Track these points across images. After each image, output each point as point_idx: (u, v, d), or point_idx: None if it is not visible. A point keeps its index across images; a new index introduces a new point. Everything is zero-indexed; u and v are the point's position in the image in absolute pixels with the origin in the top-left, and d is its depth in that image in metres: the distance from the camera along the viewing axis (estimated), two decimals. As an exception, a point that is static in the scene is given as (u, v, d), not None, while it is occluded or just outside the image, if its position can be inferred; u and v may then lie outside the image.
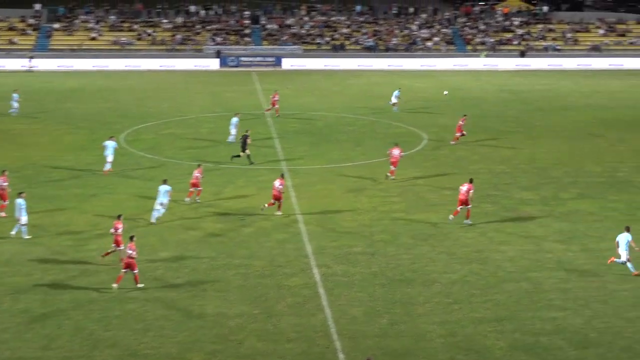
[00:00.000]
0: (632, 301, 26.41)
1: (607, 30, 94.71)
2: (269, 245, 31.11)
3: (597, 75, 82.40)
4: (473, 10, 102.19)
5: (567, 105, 63.40)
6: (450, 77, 79.82)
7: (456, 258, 30.07)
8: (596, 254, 30.64)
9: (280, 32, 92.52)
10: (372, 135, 51.55)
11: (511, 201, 37.24)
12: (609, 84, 75.71)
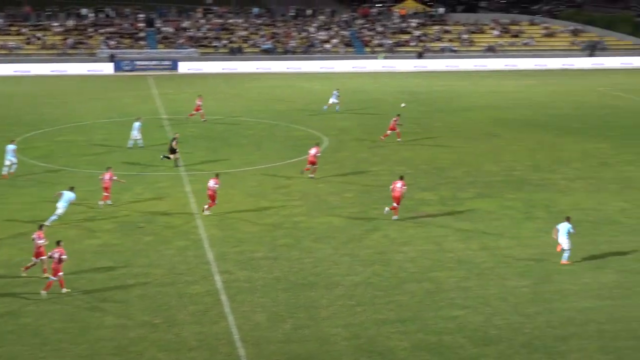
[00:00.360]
0: (530, 297, 27.23)
1: (501, 32, 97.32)
2: (169, 253, 30.81)
3: (493, 75, 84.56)
4: (370, 12, 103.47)
5: (465, 105, 64.85)
6: (349, 79, 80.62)
7: (358, 260, 30.40)
8: (495, 252, 31.48)
9: (176, 35, 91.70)
10: (272, 139, 51.64)
11: (412, 202, 37.86)
12: (505, 84, 77.83)
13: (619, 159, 47.06)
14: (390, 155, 47.27)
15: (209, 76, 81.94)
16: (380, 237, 33.09)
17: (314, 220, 35.06)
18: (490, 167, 44.71)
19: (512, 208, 37.29)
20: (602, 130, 55.23)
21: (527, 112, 61.90)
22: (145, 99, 66.79)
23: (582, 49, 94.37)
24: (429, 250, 31.65)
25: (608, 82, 79.40)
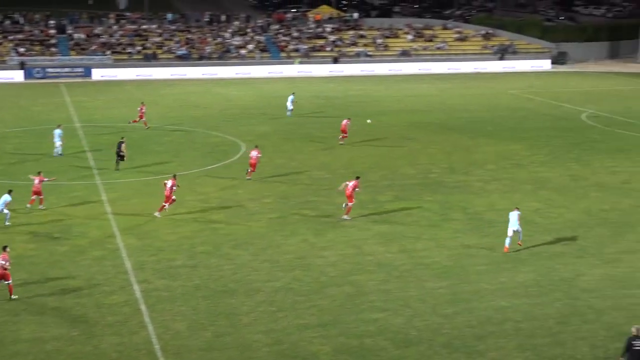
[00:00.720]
0: (449, 298, 27.65)
1: (415, 36, 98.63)
2: (86, 264, 30.28)
3: (408, 79, 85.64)
4: (286, 17, 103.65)
5: (380, 109, 65.46)
6: (266, 84, 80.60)
7: (279, 266, 30.40)
8: (413, 254, 31.88)
9: (88, 42, 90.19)
10: (189, 146, 51.24)
11: (331, 206, 38.05)
12: (419, 88, 78.89)
13: (532, 160, 48.17)
14: (308, 161, 47.41)
15: (124, 83, 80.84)
16: (300, 242, 33.16)
17: (233, 227, 34.93)
18: (407, 170, 45.25)
19: (429, 210, 37.82)
20: (515, 132, 56.47)
21: (442, 116, 62.87)
22: (58, 107, 65.49)
23: (494, 52, 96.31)
24: (349, 254, 31.85)
25: (519, 85, 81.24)
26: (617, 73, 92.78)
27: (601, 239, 34.06)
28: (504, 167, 46.47)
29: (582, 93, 75.90)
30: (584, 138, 54.84)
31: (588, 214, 37.57)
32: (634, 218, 36.95)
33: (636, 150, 51.03)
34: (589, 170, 45.77)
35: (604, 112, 64.99)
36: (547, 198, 40.07)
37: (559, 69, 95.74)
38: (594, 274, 30.10)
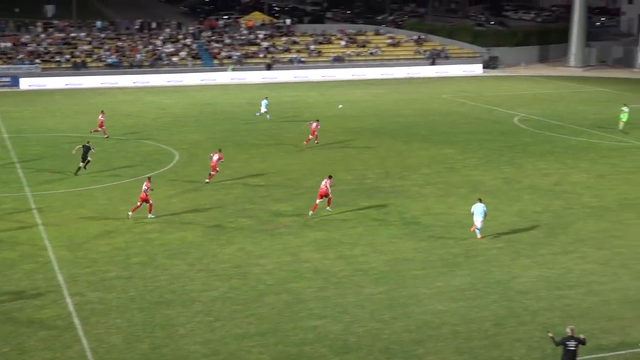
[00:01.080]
0: (386, 303, 27.82)
1: (348, 42, 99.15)
2: (16, 277, 29.68)
3: (342, 85, 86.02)
4: (217, 24, 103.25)
5: (315, 115, 65.53)
6: (199, 92, 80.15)
7: (215, 275, 30.23)
8: (351, 260, 32.00)
9: (15, 51, 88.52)
10: (121, 155, 50.65)
11: (267, 214, 38.00)
12: (353, 94, 79.26)
13: (465, 163, 48.79)
14: (243, 168, 47.26)
15: (53, 92, 79.53)
16: (236, 250, 33.03)
17: (167, 237, 34.62)
18: (343, 176, 45.42)
19: (365, 216, 38.01)
20: (448, 136, 57.14)
21: (376, 121, 63.29)
22: (-16, 118, 64.13)
23: (427, 57, 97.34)
24: (286, 261, 31.82)
25: (452, 90, 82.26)
26: (547, 77, 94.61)
27: (535, 240, 34.65)
28: (438, 171, 46.97)
29: (513, 97, 77.20)
30: (516, 141, 55.76)
31: (521, 216, 38.20)
32: (566, 219, 37.69)
33: (566, 152, 52.08)
34: (522, 173, 46.55)
35: (535, 115, 66.21)
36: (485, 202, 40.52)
37: (490, 73, 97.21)
38: (528, 275, 30.61)
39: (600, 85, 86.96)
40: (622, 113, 59.21)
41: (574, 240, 34.77)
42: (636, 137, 56.75)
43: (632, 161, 49.73)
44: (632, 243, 34.43)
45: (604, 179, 45.44)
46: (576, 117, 65.56)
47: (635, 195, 42.07)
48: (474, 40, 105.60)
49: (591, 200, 41.08)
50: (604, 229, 36.27)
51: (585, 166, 48.38)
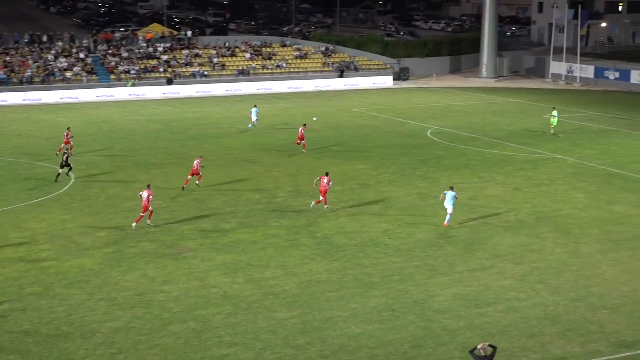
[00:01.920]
0: (300, 328, 27.78)
1: (253, 54, 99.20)
2: None
3: (248, 100, 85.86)
4: (114, 36, 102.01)
5: (219, 132, 65.38)
6: (95, 109, 78.91)
7: (117, 304, 29.72)
8: (262, 283, 31.88)
9: None
10: (11, 178, 49.43)
11: (171, 237, 37.60)
12: (260, 109, 79.05)
13: (379, 179, 49.25)
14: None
15: None
16: (139, 277, 32.55)
17: (64, 265, 33.89)
18: (251, 196, 45.30)
19: (276, 237, 37.96)
20: (361, 152, 57.62)
21: (285, 136, 63.37)
22: None
23: (335, 70, 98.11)
24: (192, 287, 31.51)
25: (363, 103, 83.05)
26: (460, 88, 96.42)
27: (452, 257, 35.16)
28: (351, 187, 47.27)
29: (426, 109, 78.40)
30: (430, 155, 56.61)
31: (438, 233, 38.72)
32: (483, 235, 38.38)
33: (481, 165, 53.10)
34: (437, 187, 47.21)
35: (449, 128, 67.35)
36: (396, 218, 41.03)
37: (401, 85, 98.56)
38: (446, 294, 31.01)
39: (513, 96, 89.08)
40: (552, 118, 63.47)
41: (492, 255, 35.43)
42: (549, 149, 58.27)
43: (546, 173, 51.02)
44: (549, 257, 35.28)
45: (520, 192, 46.48)
46: (490, 129, 66.97)
47: (550, 208, 43.16)
48: (384, 52, 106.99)
49: (508, 214, 41.96)
50: (521, 244, 37.08)
51: (501, 179, 49.40)
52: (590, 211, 42.65)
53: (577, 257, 35.30)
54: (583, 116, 73.26)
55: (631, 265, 34.38)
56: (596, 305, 30.02)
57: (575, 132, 65.75)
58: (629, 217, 41.50)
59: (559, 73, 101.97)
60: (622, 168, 52.47)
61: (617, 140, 62.35)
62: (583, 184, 48.49)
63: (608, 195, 45.80)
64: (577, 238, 38.03)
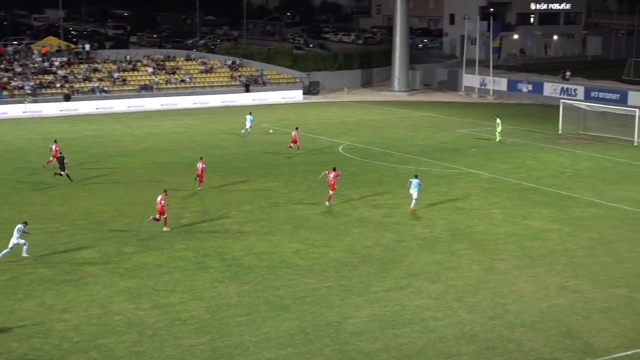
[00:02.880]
0: (209, 355, 27.59)
1: (156, 68, 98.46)
2: None
3: (151, 116, 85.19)
4: (6, 50, 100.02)
5: (121, 150, 64.64)
6: (-13, 127, 77.15)
7: (12, 335, 29.05)
8: (168, 309, 31.56)
9: None
10: None
11: (70, 262, 36.94)
12: (164, 125, 78.65)
13: (290, 197, 49.34)
14: (41, 212, 45.79)
15: None
16: (36, 305, 31.88)
17: (-46, 294, 32.98)
18: (156, 217, 44.86)
19: (182, 259, 37.65)
20: (271, 169, 57.64)
21: (191, 154, 62.98)
22: None
23: (243, 84, 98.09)
24: (94, 314, 31.00)
25: (272, 118, 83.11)
26: (372, 102, 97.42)
27: (366, 277, 35.40)
28: (260, 206, 47.24)
29: (337, 124, 78.93)
30: (342, 171, 56.87)
31: (351, 251, 38.96)
32: (397, 253, 38.76)
33: (395, 181, 53.66)
34: (349, 205, 47.53)
35: (361, 143, 67.93)
36: (307, 237, 41.14)
37: (312, 100, 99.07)
38: (361, 315, 31.19)
39: (426, 109, 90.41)
40: (497, 125, 67.83)
41: (407, 274, 35.79)
42: (464, 163, 59.28)
43: (461, 188, 51.86)
44: (465, 274, 35.83)
45: (435, 208, 47.13)
46: (403, 144, 67.79)
47: (465, 224, 43.87)
48: (293, 65, 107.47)
49: (423, 231, 42.48)
50: (437, 261, 37.56)
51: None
52: (505, 226, 43.51)
53: (494, 274, 35.94)
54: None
55: (547, 281, 35.16)
56: (513, 323, 30.60)
57: (490, 146, 67.08)
58: (545, 232, 42.48)
59: (472, 86, 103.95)
60: (536, 182, 53.71)
61: (531, 153, 63.81)
62: (498, 198, 49.46)
63: (523, 210, 46.81)
64: (493, 254, 38.73)
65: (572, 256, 38.54)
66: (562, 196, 50.12)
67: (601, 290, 34.07)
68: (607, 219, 45.12)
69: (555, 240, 41.17)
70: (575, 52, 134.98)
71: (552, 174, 56.36)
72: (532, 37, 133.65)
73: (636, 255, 38.63)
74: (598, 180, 54.51)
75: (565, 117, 74.38)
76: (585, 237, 41.60)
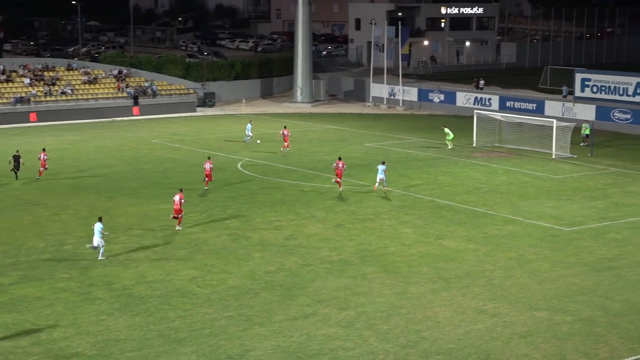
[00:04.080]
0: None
1: (33, 79, 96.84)
2: None
3: (27, 132, 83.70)
4: None
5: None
6: None
7: None
8: (50, 345, 31.09)
9: None
10: None
11: (-62, 296, 36.03)
12: (41, 142, 77.26)
13: (185, 219, 48.88)
14: None
15: None
16: None
17: None
18: (35, 243, 44.10)
19: (65, 290, 37.06)
20: (163, 189, 57.17)
21: (74, 174, 62.15)
22: None
23: (131, 96, 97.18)
24: (-34, 354, 30.26)
25: (164, 133, 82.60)
26: (272, 114, 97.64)
27: (269, 305, 35.36)
28: (152, 230, 46.85)
29: (235, 139, 78.75)
30: (242, 190, 56.92)
31: (252, 278, 38.90)
32: (303, 278, 38.84)
33: (298, 200, 53.85)
34: (250, 227, 47.49)
35: (261, 160, 68.01)
36: (204, 263, 40.93)
37: (207, 112, 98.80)
38: (264, 347, 31.13)
39: (332, 122, 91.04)
40: (446, 135, 71.94)
41: (314, 301, 35.88)
42: (373, 180, 59.70)
43: (370, 207, 52.31)
44: (376, 300, 36.09)
45: (342, 228, 47.42)
46: (307, 160, 68.10)
47: (376, 245, 44.25)
48: (186, 74, 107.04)
49: (330, 254, 42.68)
50: (345, 286, 37.75)
51: (321, 215, 50.23)
52: (418, 247, 44.03)
53: (407, 299, 36.30)
54: (407, 143, 75.70)
55: (464, 304, 35.67)
56: (429, 351, 30.94)
57: (400, 160, 67.87)
58: (460, 252, 43.13)
59: (380, 96, 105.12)
60: (450, 199, 54.55)
61: (444, 168, 64.80)
62: (410, 217, 50.04)
63: (437, 229, 47.45)
64: (406, 277, 39.13)
65: (490, 277, 39.21)
66: (478, 213, 51.00)
67: (521, 313, 34.73)
68: (525, 237, 46.08)
69: (471, 260, 41.82)
70: (489, 59, 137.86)
71: (467, 190, 57.31)
72: (443, 44, 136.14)
73: (556, 275, 39.52)
74: (515, 196, 55.65)
75: (479, 129, 75.75)
76: (503, 257, 42.39)
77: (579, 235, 46.36)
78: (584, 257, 42.38)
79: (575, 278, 39.16)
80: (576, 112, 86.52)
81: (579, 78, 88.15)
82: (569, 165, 66.63)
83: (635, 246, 44.46)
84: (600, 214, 51.22)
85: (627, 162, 67.88)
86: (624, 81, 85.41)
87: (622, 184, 59.54)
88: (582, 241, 45.26)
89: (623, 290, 37.53)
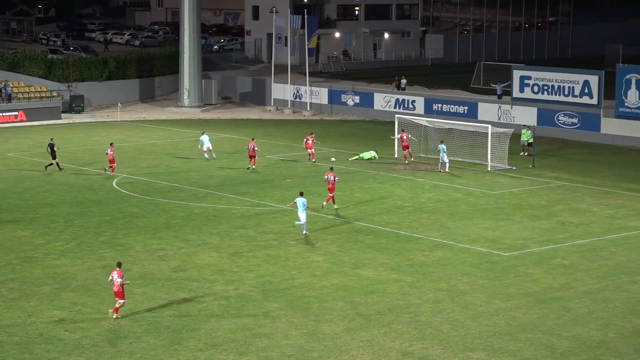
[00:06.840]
0: None
1: None
2: None
3: None
4: None
5: None
6: None
7: None
8: None
9: None
10: None
11: None
12: None
13: (48, 249, 48.43)
14: None
15: None
16: None
17: None
18: None
19: None
20: (22, 213, 56.43)
21: None
22: None
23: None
24: None
25: (22, 145, 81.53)
26: (154, 121, 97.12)
27: (153, 351, 35.11)
28: (9, 263, 46.20)
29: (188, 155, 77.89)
30: (118, 213, 56.43)
31: (132, 318, 38.55)
32: (194, 318, 38.60)
33: (187, 225, 53.60)
34: (129, 257, 47.09)
35: (142, 176, 67.54)
36: (73, 302, 40.46)
37: (74, 119, 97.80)
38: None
39: (226, 130, 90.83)
40: (367, 153, 74.97)
41: (207, 345, 35.72)
42: (275, 198, 59.90)
43: (273, 231, 52.33)
44: (281, 342, 36.06)
45: (241, 257, 47.34)
46: (197, 176, 67.86)
47: (281, 277, 44.25)
48: (48, 74, 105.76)
49: (226, 288, 42.55)
50: (245, 327, 37.65)
51: (215, 242, 50.07)
52: (331, 278, 44.14)
53: (318, 340, 36.34)
54: (317, 154, 75.84)
55: (386, 346, 35.84)
56: (345, 402, 31.01)
57: (309, 175, 68.03)
58: (381, 284, 43.36)
59: (284, 99, 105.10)
60: (369, 220, 54.85)
61: (360, 184, 65.11)
62: (321, 242, 50.18)
63: (353, 257, 47.65)
64: (317, 315, 39.18)
65: (416, 313, 39.48)
66: (401, 237, 51.37)
67: (453, 354, 35.04)
68: (457, 264, 46.55)
69: (394, 293, 42.07)
70: (412, 53, 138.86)
71: (387, 209, 57.66)
72: (357, 36, 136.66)
73: (494, 309, 39.96)
74: (445, 216, 56.19)
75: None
76: (432, 288, 42.75)
77: (520, 262, 47.00)
78: (526, 287, 42.96)
79: (517, 312, 39.66)
80: (514, 116, 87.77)
81: (518, 76, 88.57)
82: (508, 179, 67.55)
83: (585, 273, 45.21)
84: (544, 235, 51.98)
85: (575, 175, 69.02)
86: (570, 79, 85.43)
87: (568, 200, 60.52)
88: (523, 268, 45.88)
89: (572, 325, 38.11)
